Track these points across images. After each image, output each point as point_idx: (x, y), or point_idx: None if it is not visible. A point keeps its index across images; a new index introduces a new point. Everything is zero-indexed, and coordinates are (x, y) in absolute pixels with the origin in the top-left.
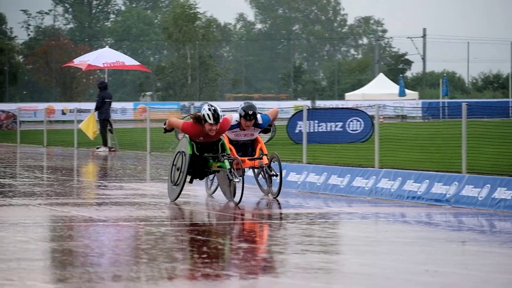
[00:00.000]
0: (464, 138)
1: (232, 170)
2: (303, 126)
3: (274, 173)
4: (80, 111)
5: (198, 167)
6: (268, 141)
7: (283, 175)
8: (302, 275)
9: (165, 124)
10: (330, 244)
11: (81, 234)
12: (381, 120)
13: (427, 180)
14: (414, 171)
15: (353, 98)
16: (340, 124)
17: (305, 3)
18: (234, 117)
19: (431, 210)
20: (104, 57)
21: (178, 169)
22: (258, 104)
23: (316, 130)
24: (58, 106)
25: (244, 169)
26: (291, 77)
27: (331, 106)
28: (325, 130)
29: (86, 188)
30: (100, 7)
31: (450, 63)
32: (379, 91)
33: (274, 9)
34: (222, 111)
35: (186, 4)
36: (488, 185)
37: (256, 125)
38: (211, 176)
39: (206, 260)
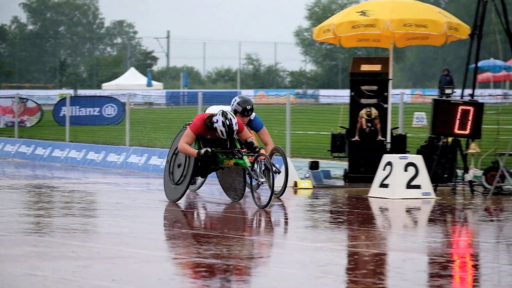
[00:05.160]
0: None
1: (254, 168)
2: (67, 111)
3: (277, 170)
4: None
5: (204, 164)
6: (37, 123)
7: (282, 171)
8: (62, 234)
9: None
10: (88, 209)
11: None
12: (132, 106)
13: None
14: (158, 149)
15: (109, 88)
16: (97, 109)
17: (70, 8)
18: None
19: None
20: None
21: (179, 166)
22: (28, 92)
23: (77, 114)
24: None
25: (272, 164)
26: (57, 70)
27: (90, 95)
28: (85, 114)
29: None
30: None
31: (190, 59)
32: (130, 82)
33: (44, 13)
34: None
35: None
36: None
37: (249, 121)
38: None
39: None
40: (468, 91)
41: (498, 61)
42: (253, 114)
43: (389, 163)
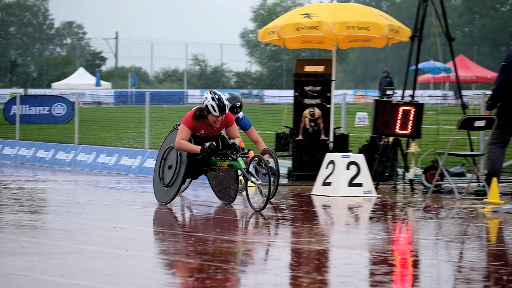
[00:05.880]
0: (147, 120)
1: (249, 170)
2: (17, 109)
3: (274, 172)
4: None
5: (195, 165)
6: None
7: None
8: (12, 230)
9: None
10: (37, 206)
11: None
12: (81, 105)
13: (116, 154)
14: (106, 147)
15: (58, 87)
16: (47, 108)
17: (20, 9)
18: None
19: (119, 178)
20: None
21: (170, 168)
22: None
23: (27, 113)
24: None
25: (271, 166)
26: (8, 69)
27: (40, 94)
28: (35, 113)
29: None
30: None
31: (138, 59)
32: (79, 82)
33: None
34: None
35: None
36: None
37: (237, 120)
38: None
39: None
40: (408, 92)
41: (438, 63)
42: (241, 113)
43: (331, 162)
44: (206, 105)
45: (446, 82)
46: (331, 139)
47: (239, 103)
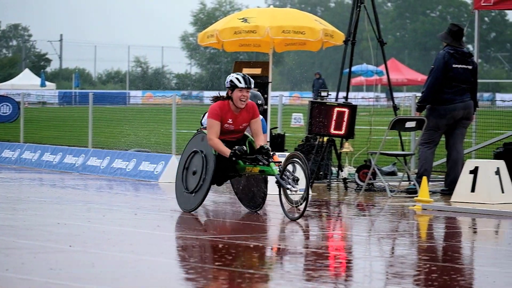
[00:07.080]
0: (90, 120)
1: (285, 176)
2: None
3: (296, 178)
4: None
5: (221, 171)
6: None
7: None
8: None
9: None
10: None
11: None
12: (26, 105)
13: (61, 153)
14: (51, 146)
15: (4, 88)
16: None
17: None
18: None
19: (64, 176)
20: None
21: (194, 173)
22: None
23: None
24: None
25: (308, 171)
26: None
27: None
28: None
29: None
30: None
31: (81, 61)
32: (25, 83)
33: None
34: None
35: None
36: (108, 157)
37: None
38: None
39: None
40: (342, 94)
41: (370, 66)
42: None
43: None
44: (231, 80)
45: (378, 84)
46: (268, 138)
47: (260, 101)
